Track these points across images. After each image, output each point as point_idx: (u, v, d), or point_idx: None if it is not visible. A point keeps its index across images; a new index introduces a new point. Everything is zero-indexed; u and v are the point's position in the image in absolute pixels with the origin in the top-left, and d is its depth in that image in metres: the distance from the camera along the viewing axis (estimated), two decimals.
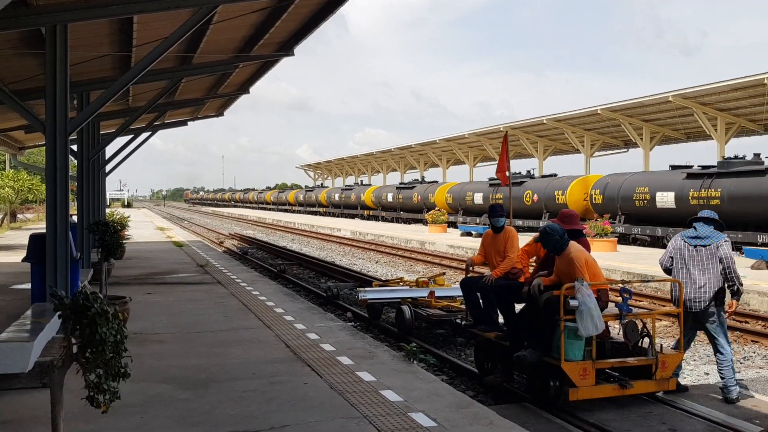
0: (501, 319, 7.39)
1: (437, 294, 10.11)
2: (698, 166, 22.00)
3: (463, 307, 8.94)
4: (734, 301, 6.65)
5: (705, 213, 6.83)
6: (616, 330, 8.02)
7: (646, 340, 6.42)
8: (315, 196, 64.24)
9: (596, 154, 37.47)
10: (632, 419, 5.93)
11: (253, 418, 5.05)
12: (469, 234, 28.90)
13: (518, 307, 7.13)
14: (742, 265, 16.20)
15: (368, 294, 10.54)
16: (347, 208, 54.64)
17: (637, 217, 23.56)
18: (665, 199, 22.06)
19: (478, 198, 33.66)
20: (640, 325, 6.43)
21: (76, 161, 13.35)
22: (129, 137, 19.73)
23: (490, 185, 33.09)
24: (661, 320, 10.58)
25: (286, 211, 72.94)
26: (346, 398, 5.56)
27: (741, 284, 6.60)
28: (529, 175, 31.85)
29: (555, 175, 30.38)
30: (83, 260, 11.66)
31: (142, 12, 7.35)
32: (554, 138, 39.19)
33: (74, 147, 13.58)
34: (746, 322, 10.72)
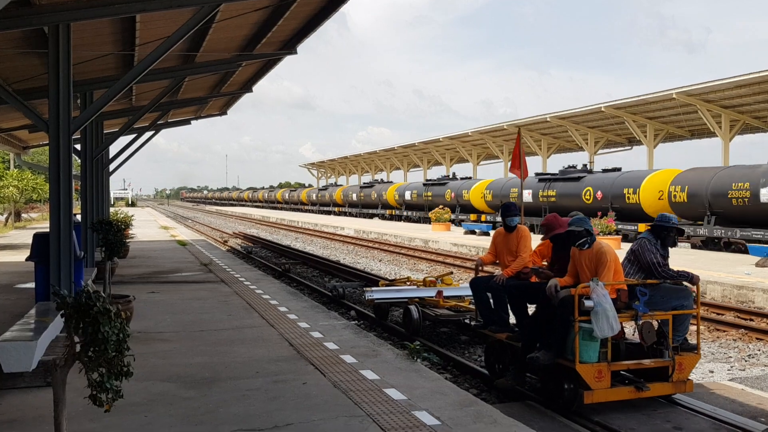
0: (512, 320, 7.26)
1: (445, 293, 10.01)
2: None
3: (471, 307, 8.83)
4: None
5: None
6: (630, 330, 7.98)
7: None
8: (329, 194, 59.83)
9: (600, 151, 37.42)
10: (637, 417, 5.91)
11: (256, 417, 5.05)
12: (472, 232, 28.90)
13: (530, 307, 7.00)
14: (747, 262, 16.15)
15: (375, 294, 10.37)
16: (366, 208, 50.62)
17: (733, 218, 20.45)
18: None
19: (527, 196, 28.21)
20: (656, 326, 6.29)
21: (79, 160, 13.37)
22: (132, 136, 19.75)
23: (540, 180, 29.23)
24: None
25: (298, 210, 69.49)
26: (350, 396, 5.55)
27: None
28: (587, 170, 28.47)
29: (619, 169, 26.95)
30: (87, 259, 11.70)
31: (144, 11, 7.34)
32: (558, 136, 39.14)
33: (78, 146, 13.61)
34: (751, 320, 10.68)
